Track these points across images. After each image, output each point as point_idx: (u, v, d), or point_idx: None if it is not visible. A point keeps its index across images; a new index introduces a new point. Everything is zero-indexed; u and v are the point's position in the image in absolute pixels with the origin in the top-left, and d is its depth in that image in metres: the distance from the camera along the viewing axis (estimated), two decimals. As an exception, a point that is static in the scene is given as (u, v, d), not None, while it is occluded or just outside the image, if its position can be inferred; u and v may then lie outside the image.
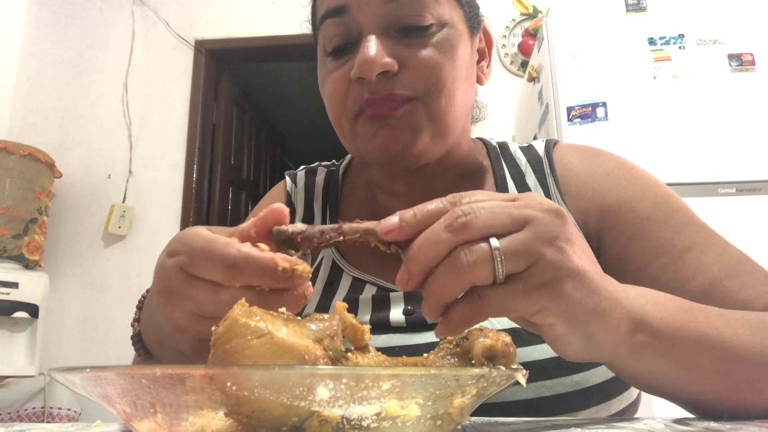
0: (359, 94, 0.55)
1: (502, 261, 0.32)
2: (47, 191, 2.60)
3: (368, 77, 0.53)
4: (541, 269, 0.32)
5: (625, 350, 0.37)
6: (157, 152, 2.94)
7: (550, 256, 0.32)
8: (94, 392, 0.26)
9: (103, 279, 2.79)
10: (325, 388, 0.22)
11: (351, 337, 0.33)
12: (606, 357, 0.38)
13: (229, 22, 3.07)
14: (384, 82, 0.54)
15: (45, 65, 3.10)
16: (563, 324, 0.34)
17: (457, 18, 0.58)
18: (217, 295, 0.33)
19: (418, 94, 0.54)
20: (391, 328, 0.54)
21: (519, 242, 0.32)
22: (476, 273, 0.31)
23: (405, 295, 0.57)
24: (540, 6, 2.67)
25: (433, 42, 0.55)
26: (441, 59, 0.55)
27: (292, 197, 0.72)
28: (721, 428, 0.34)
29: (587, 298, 0.34)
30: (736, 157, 1.79)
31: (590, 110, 1.87)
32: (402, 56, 0.54)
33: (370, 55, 0.52)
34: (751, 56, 1.88)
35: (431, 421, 0.26)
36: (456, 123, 0.58)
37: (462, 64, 0.57)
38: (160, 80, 3.03)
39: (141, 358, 0.48)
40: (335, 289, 0.61)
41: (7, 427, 0.39)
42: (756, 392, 0.41)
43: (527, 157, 0.66)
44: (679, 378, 0.40)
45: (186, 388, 0.23)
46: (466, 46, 0.59)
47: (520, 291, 0.32)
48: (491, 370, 0.27)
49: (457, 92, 0.56)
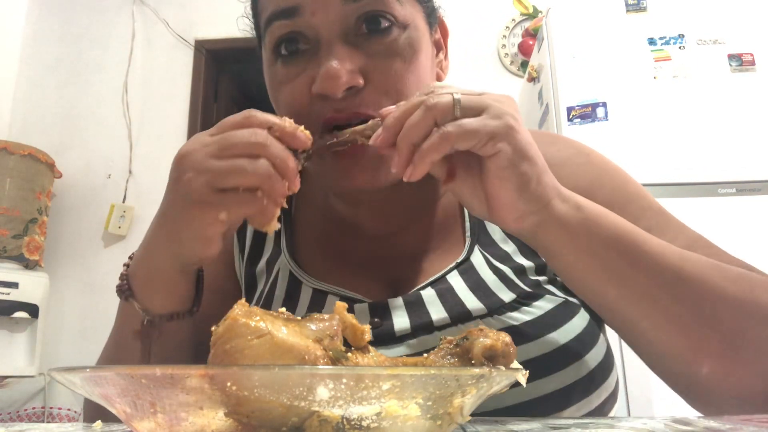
0: (321, 112, 0.51)
1: (459, 101, 0.41)
2: (47, 191, 2.60)
3: (333, 95, 0.49)
4: (494, 112, 0.42)
5: (550, 213, 0.43)
6: (157, 152, 2.94)
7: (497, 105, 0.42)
8: (94, 392, 0.26)
9: (103, 279, 2.79)
10: (325, 388, 0.22)
11: (351, 337, 0.33)
12: (534, 215, 0.43)
13: (229, 22, 3.06)
14: (349, 99, 0.50)
15: (45, 65, 3.10)
16: (509, 152, 0.41)
17: (418, 17, 0.55)
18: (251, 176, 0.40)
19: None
20: None
21: (475, 97, 0.42)
22: (438, 109, 0.41)
23: (370, 306, 0.54)
24: (540, 6, 2.67)
25: (396, 48, 0.52)
26: (405, 70, 0.52)
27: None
28: (721, 428, 0.34)
29: (528, 145, 0.43)
30: (736, 157, 1.79)
31: (590, 110, 1.87)
32: (366, 69, 0.51)
33: (335, 71, 0.48)
34: (751, 56, 1.88)
35: (431, 421, 0.26)
36: None
37: (424, 71, 0.55)
38: (160, 80, 3.03)
39: (124, 304, 0.51)
40: (296, 303, 0.57)
41: (7, 427, 0.39)
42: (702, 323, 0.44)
43: None
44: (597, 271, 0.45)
45: (186, 388, 0.23)
46: (427, 47, 0.56)
47: (477, 120, 0.41)
48: (491, 370, 0.27)
49: None
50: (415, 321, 0.52)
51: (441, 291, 0.53)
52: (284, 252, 0.61)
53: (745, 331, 0.44)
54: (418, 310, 0.53)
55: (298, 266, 0.60)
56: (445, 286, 0.54)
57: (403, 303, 0.53)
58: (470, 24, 2.73)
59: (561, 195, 0.44)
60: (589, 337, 0.52)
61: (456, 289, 0.53)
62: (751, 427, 0.34)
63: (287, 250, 0.62)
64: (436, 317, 0.51)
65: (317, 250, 0.62)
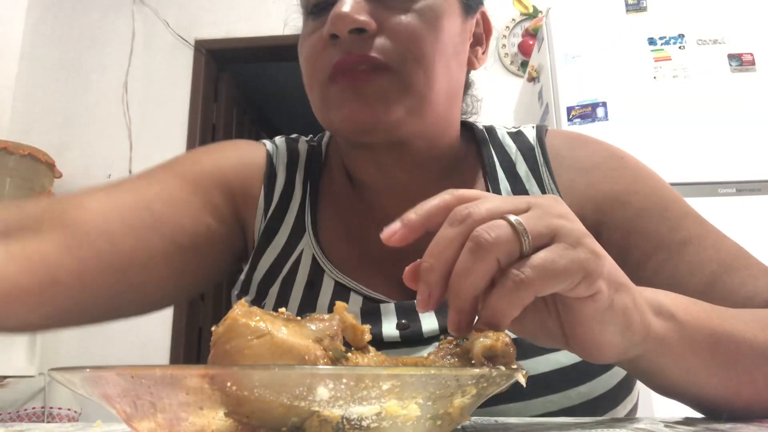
0: (331, 55, 0.50)
1: (525, 230, 0.30)
2: (47, 191, 2.60)
3: (341, 33, 0.49)
4: (568, 235, 0.31)
5: (653, 338, 0.36)
6: (157, 152, 2.93)
7: (568, 225, 0.32)
8: (94, 392, 0.26)
9: (103, 279, 2.79)
10: (325, 388, 0.22)
11: (351, 337, 0.33)
12: (637, 347, 0.35)
13: (229, 22, 3.07)
14: (358, 43, 0.49)
15: (45, 65, 3.10)
16: (607, 290, 0.32)
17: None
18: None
19: (393, 62, 0.50)
20: (384, 344, 0.50)
21: (533, 216, 0.31)
22: (502, 246, 0.30)
23: (396, 307, 0.52)
24: (540, 6, 2.67)
25: (415, 8, 0.51)
26: (421, 26, 0.50)
27: (274, 159, 0.63)
28: (722, 428, 0.34)
29: (618, 271, 0.34)
30: (736, 157, 1.79)
31: (590, 110, 1.87)
32: (380, 17, 0.50)
33: (343, 9, 0.48)
34: (751, 56, 1.88)
35: (431, 421, 0.26)
36: (436, 100, 0.53)
37: (447, 38, 0.52)
38: (160, 80, 3.03)
39: None
40: (317, 294, 0.55)
41: (7, 427, 0.39)
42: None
43: (517, 144, 0.61)
44: (699, 372, 0.39)
45: (186, 388, 0.23)
46: (454, 20, 0.54)
47: (557, 255, 0.30)
48: (491, 370, 0.27)
49: (438, 66, 0.51)
50: (444, 322, 0.49)
51: None
52: (309, 232, 0.58)
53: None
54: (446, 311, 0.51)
55: (321, 250, 0.57)
56: None
57: None
58: (470, 24, 2.73)
59: (654, 308, 0.36)
60: None
61: None
62: (751, 427, 0.34)
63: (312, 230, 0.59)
64: None
65: (341, 238, 0.59)
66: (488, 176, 0.59)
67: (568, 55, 1.96)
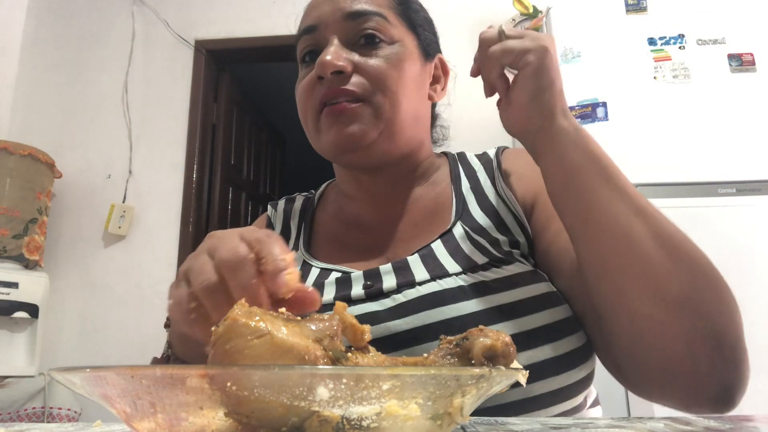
0: (319, 91, 0.65)
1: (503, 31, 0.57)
2: (47, 191, 2.60)
3: (325, 75, 0.64)
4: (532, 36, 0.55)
5: (551, 125, 0.55)
6: (157, 152, 2.94)
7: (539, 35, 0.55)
8: (94, 392, 0.26)
9: (103, 279, 2.79)
10: (325, 388, 0.22)
11: (351, 337, 0.33)
12: (536, 122, 0.56)
13: (229, 22, 3.07)
14: (339, 81, 0.64)
15: (45, 65, 3.10)
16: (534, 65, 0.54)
17: (409, 41, 0.69)
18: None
19: (365, 94, 0.64)
20: (353, 301, 0.62)
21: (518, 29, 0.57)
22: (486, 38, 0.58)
23: (364, 274, 0.64)
24: (540, 6, 2.67)
25: (383, 54, 0.66)
26: (386, 67, 0.65)
27: (272, 220, 0.82)
28: (722, 427, 0.34)
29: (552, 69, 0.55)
30: (736, 157, 1.79)
31: (590, 110, 1.87)
32: (355, 62, 0.65)
33: (327, 57, 0.63)
34: (751, 56, 1.88)
35: (431, 421, 0.26)
36: (402, 124, 0.67)
37: (408, 77, 0.67)
38: (160, 80, 3.03)
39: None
40: (305, 280, 0.68)
41: (7, 427, 0.39)
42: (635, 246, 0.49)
43: (481, 161, 0.77)
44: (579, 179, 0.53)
45: (186, 388, 0.23)
46: (414, 63, 0.69)
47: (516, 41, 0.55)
48: (491, 370, 0.27)
49: (402, 98, 0.66)
50: (401, 280, 0.61)
51: (424, 255, 0.64)
52: (301, 248, 0.75)
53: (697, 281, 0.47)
54: (404, 272, 0.63)
55: (310, 256, 0.73)
56: (428, 252, 0.64)
57: (391, 268, 0.63)
58: (470, 24, 2.73)
59: (564, 111, 0.56)
60: (556, 297, 0.58)
61: (437, 253, 0.64)
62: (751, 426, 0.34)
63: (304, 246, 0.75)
64: (418, 276, 0.61)
65: (328, 243, 0.75)
66: (453, 183, 0.73)
67: (568, 56, 1.96)
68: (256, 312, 0.27)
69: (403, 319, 0.56)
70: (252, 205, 3.60)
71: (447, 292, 0.57)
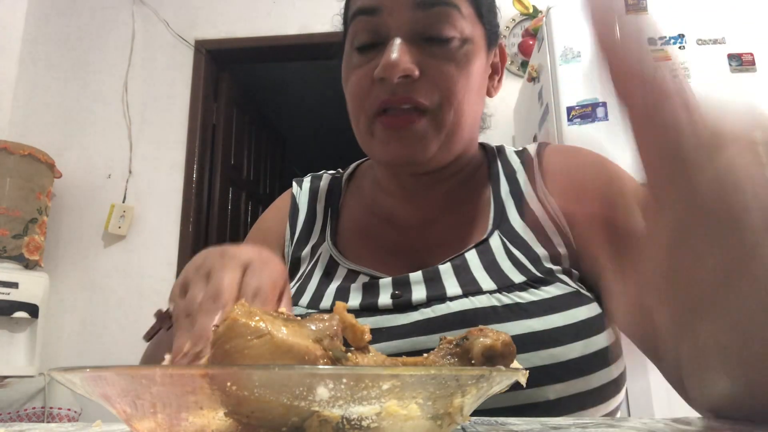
0: (379, 95, 0.58)
1: None
2: (47, 191, 2.60)
3: (390, 79, 0.57)
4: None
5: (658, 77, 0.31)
6: (157, 152, 2.94)
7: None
8: (94, 392, 0.26)
9: (103, 279, 2.79)
10: (325, 388, 0.22)
11: (351, 337, 0.33)
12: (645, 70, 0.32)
13: (229, 22, 3.07)
14: (404, 86, 0.57)
15: (45, 65, 3.10)
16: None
17: (478, 35, 0.62)
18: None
19: (431, 105, 0.58)
20: (379, 310, 0.58)
21: None
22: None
23: (393, 281, 0.60)
24: (540, 6, 2.67)
25: (452, 55, 0.59)
26: (457, 73, 0.59)
27: (297, 199, 0.76)
28: (722, 428, 0.34)
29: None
30: (736, 157, 1.78)
31: (590, 110, 1.87)
32: (423, 64, 0.58)
33: (394, 59, 0.56)
34: (751, 56, 1.88)
35: (431, 421, 0.26)
36: (463, 134, 0.62)
37: (475, 79, 0.61)
38: (160, 80, 3.04)
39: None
40: (330, 280, 0.64)
41: (7, 427, 0.39)
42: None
43: (521, 159, 0.70)
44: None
45: (186, 388, 0.23)
46: (482, 61, 0.63)
47: None
48: (491, 370, 0.27)
49: (466, 106, 0.60)
50: (431, 293, 0.57)
51: (456, 266, 0.59)
52: (328, 240, 0.69)
53: None
54: (435, 283, 0.58)
55: (338, 251, 0.67)
56: (461, 263, 0.59)
57: (422, 277, 0.59)
58: (470, 24, 2.73)
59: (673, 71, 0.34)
60: (596, 326, 0.53)
61: (471, 266, 0.58)
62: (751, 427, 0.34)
63: (330, 238, 0.70)
64: (450, 290, 0.57)
65: (358, 238, 0.70)
66: (491, 182, 0.68)
67: (568, 55, 1.96)
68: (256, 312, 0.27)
69: (429, 336, 0.53)
70: (252, 205, 3.60)
71: (479, 311, 0.53)
